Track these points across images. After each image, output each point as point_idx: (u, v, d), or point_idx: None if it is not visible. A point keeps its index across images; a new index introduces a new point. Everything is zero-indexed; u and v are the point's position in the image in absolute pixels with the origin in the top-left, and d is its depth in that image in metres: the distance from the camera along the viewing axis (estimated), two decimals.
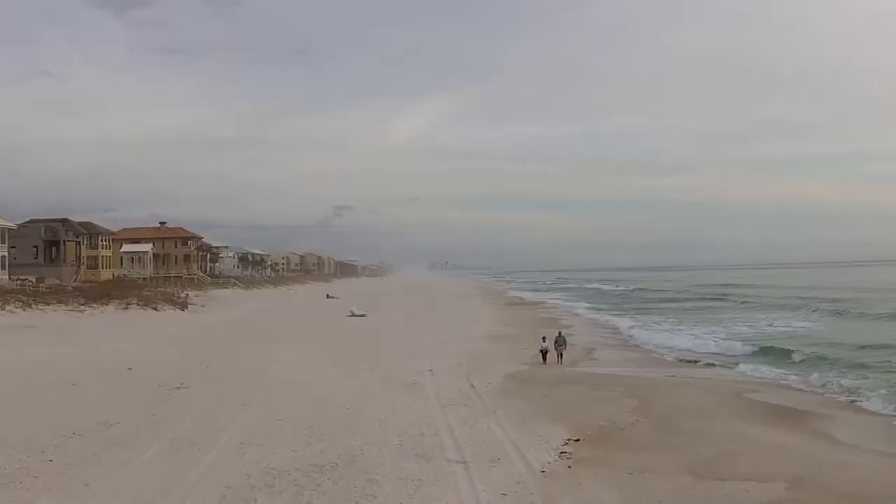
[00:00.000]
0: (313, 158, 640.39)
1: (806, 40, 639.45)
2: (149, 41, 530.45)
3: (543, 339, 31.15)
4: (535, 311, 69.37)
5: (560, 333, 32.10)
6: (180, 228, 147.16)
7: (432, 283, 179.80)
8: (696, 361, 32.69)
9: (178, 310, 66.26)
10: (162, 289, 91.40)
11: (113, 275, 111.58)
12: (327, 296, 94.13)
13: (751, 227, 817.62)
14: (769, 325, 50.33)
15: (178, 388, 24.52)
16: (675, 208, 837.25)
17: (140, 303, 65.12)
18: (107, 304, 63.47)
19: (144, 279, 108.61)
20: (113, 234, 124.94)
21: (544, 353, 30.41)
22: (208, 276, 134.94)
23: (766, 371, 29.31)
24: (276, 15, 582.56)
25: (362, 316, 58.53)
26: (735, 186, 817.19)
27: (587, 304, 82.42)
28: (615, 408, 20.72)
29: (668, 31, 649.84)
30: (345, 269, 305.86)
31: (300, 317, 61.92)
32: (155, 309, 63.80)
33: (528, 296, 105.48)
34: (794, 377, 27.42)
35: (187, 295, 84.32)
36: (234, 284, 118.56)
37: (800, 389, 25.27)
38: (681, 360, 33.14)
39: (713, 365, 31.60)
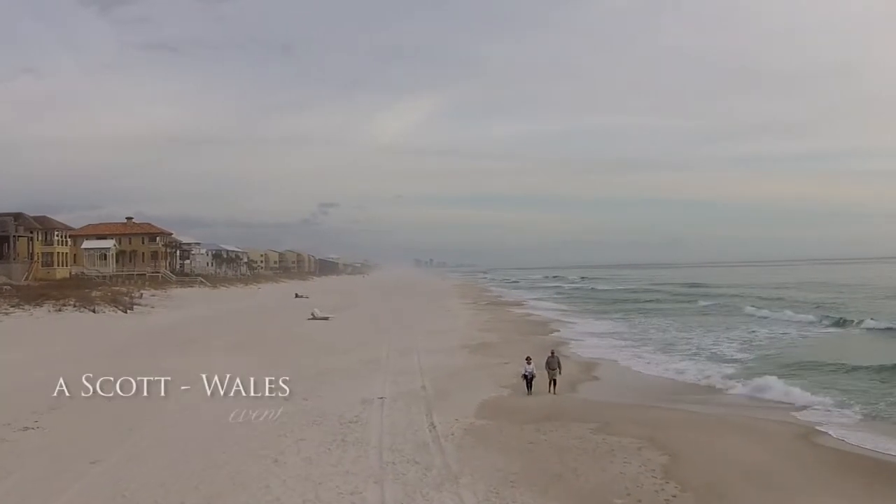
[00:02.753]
0: (300, 156, 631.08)
1: (792, 38, 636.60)
2: (134, 38, 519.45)
3: (528, 360, 23.69)
4: (518, 313, 62.63)
5: (553, 353, 24.15)
6: (147, 224, 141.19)
7: (413, 281, 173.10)
8: (710, 386, 25.35)
9: (119, 312, 59.24)
10: (117, 288, 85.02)
11: (70, 273, 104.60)
12: (296, 295, 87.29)
13: (738, 224, 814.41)
14: (750, 334, 42.86)
15: (26, 427, 17.77)
16: (663, 206, 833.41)
17: (78, 304, 58.14)
18: (40, 306, 56.68)
19: (104, 277, 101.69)
20: (74, 229, 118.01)
21: (529, 378, 23.09)
22: (177, 273, 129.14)
23: (807, 399, 21.91)
24: (263, 12, 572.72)
25: (325, 319, 51.77)
26: (722, 184, 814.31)
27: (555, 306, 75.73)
28: (636, 468, 14.09)
29: (655, 29, 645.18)
30: (325, 267, 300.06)
31: (257, 319, 55.08)
32: (93, 311, 56.77)
33: (508, 295, 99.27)
34: (851, 407, 20.62)
35: (141, 294, 77.67)
36: (201, 283, 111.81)
37: (868, 423, 18.70)
38: (686, 382, 26.35)
39: (727, 391, 24.34)
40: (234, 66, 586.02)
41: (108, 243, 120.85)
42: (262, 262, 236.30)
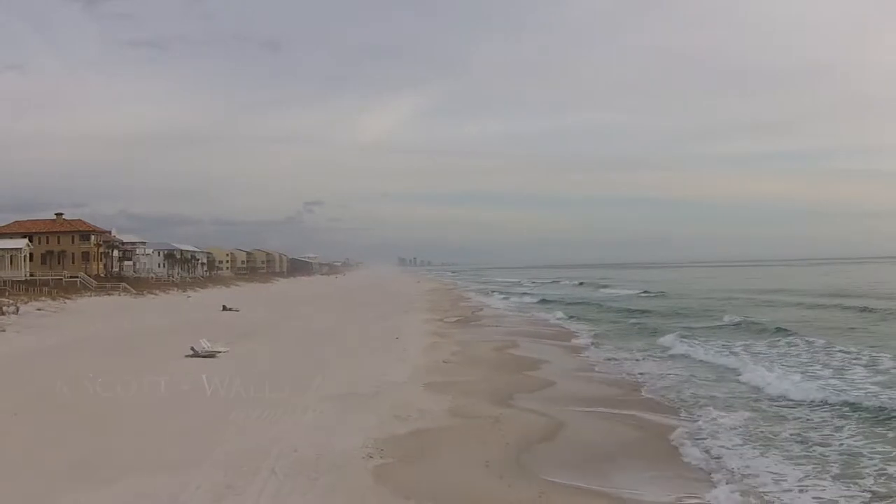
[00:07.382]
0: (285, 154, 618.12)
1: (780, 37, 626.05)
2: (118, 34, 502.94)
3: None
4: (496, 342, 45.42)
5: None
6: (80, 220, 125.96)
7: (386, 284, 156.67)
8: None
9: None
10: (8, 297, 69.38)
11: None
12: (224, 307, 70.47)
13: (726, 223, 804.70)
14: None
15: None
16: (646, 205, 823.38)
17: None
18: None
19: (4, 283, 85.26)
20: None
21: None
22: (114, 277, 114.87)
23: None
24: (247, 9, 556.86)
25: (211, 356, 35.08)
26: (710, 183, 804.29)
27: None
28: None
29: (641, 29, 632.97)
30: (298, 267, 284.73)
31: (122, 350, 38.31)
32: None
33: (487, 306, 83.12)
34: None
35: (16, 309, 61.09)
36: (124, 289, 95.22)
37: None
38: None
39: None
40: (219, 64, 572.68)
41: (20, 243, 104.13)
42: (227, 262, 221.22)
